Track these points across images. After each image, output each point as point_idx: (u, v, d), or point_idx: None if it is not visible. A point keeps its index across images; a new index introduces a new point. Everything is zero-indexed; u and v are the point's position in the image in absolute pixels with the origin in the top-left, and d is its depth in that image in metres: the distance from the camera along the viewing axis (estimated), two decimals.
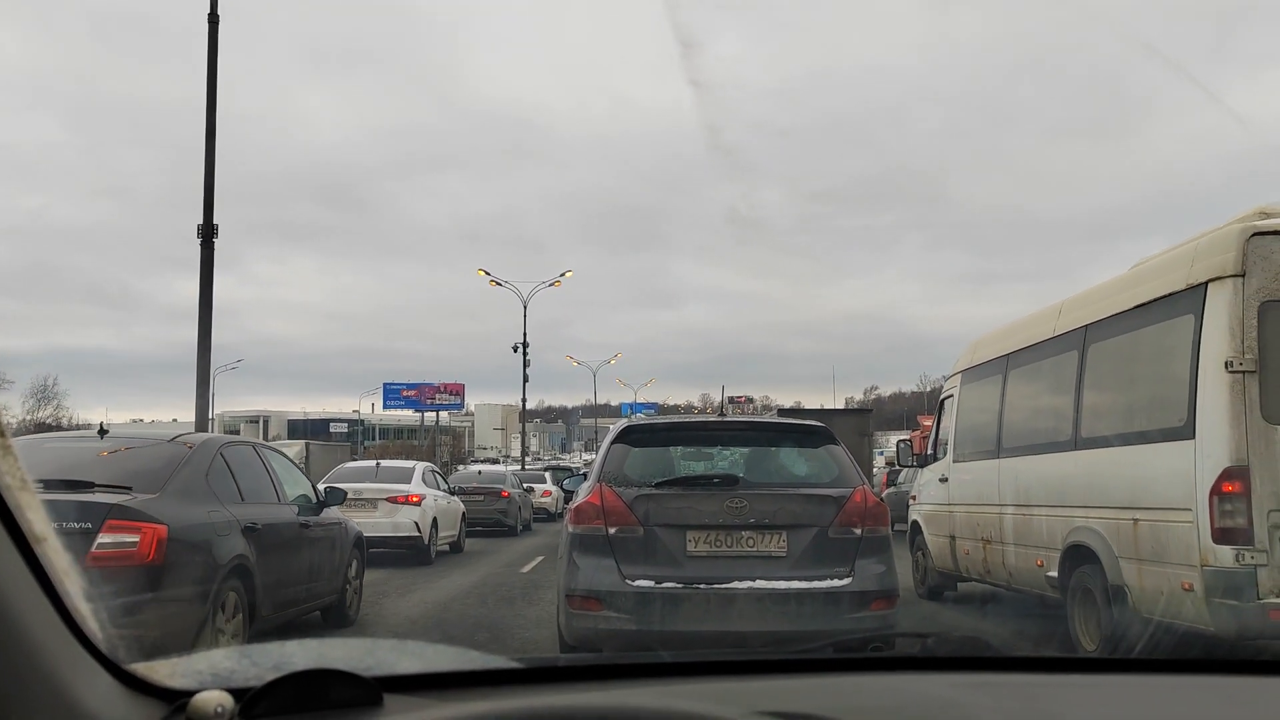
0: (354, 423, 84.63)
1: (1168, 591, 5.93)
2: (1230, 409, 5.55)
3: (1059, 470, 7.46)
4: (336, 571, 8.09)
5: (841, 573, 5.56)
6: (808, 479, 6.08)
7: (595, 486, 5.78)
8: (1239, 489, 5.49)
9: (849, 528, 5.64)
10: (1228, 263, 5.70)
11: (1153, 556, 6.10)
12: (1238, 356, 5.56)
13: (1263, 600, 5.42)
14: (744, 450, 6.42)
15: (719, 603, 5.45)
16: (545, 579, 10.68)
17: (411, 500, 13.70)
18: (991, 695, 1.24)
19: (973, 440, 9.46)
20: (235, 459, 6.85)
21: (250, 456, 7.24)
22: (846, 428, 21.50)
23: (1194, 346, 5.82)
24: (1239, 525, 5.48)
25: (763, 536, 5.62)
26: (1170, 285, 6.20)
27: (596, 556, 5.55)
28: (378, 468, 15.27)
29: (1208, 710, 1.23)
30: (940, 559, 10.03)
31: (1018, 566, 8.20)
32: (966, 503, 9.40)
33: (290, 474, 7.93)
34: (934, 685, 1.31)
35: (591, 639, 5.57)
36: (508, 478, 21.91)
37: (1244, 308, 5.60)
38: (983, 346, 9.71)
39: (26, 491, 0.86)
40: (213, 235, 14.72)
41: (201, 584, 5.70)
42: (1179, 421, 5.90)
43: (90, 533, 5.15)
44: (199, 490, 6.13)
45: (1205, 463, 5.62)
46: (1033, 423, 8.25)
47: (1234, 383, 5.55)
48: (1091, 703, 1.23)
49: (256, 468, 7.20)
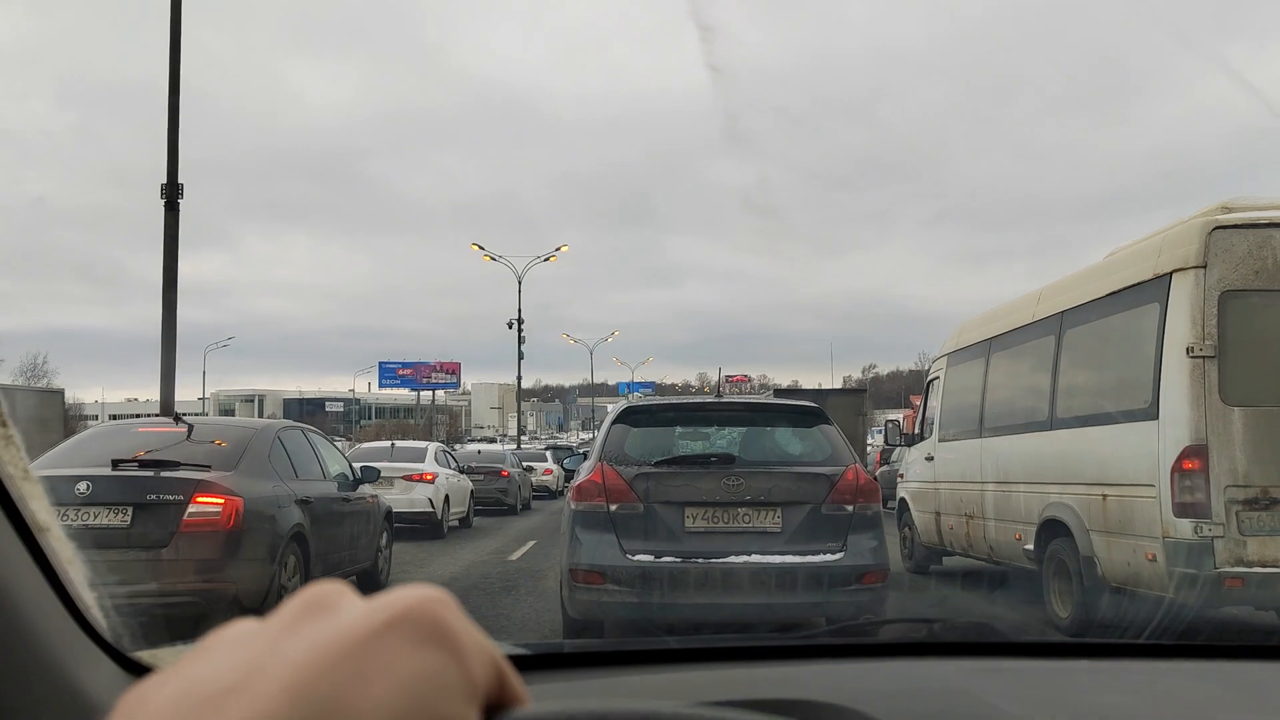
0: (350, 402, 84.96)
1: (1133, 562, 6.35)
2: (1191, 392, 5.94)
3: (1036, 449, 7.86)
4: (371, 541, 8.97)
5: (834, 548, 5.73)
6: (802, 458, 6.26)
7: (597, 465, 5.96)
8: (1198, 466, 5.89)
9: (841, 504, 5.82)
10: (1190, 255, 6.08)
11: (1120, 529, 6.50)
12: (1198, 343, 5.95)
13: (1219, 569, 5.82)
14: (740, 430, 6.60)
15: (716, 577, 5.60)
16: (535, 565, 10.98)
17: (425, 478, 14.43)
18: (998, 680, 1.24)
19: (957, 420, 9.85)
20: (289, 441, 7.70)
21: (300, 439, 8.05)
22: (842, 407, 21.86)
23: (1159, 333, 6.21)
24: (1198, 500, 5.88)
25: (758, 513, 5.81)
26: (1138, 275, 6.58)
27: (598, 532, 5.73)
28: (393, 448, 15.89)
29: (1214, 694, 1.23)
30: (926, 534, 10.44)
31: (998, 540, 8.61)
32: (951, 480, 9.80)
33: (331, 454, 8.72)
34: (940, 670, 1.30)
35: (594, 612, 5.79)
36: (507, 457, 22.27)
37: (1205, 297, 5.98)
38: (968, 330, 10.10)
39: (29, 481, 0.85)
40: (177, 198, 13.40)
41: (269, 547, 6.58)
42: (1144, 403, 6.29)
43: (182, 503, 6.12)
44: (263, 468, 6.99)
45: (1167, 442, 6.02)
46: (1013, 404, 8.64)
47: (1195, 367, 5.94)
48: (1098, 688, 1.23)
49: (305, 448, 8.00)
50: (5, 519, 0.83)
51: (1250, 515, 5.87)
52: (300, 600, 0.35)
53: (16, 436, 0.86)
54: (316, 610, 0.34)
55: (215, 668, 0.33)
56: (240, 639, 0.35)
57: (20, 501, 0.84)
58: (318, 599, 0.35)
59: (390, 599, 0.34)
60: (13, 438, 0.86)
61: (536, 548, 12.99)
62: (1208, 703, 1.20)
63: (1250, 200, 6.40)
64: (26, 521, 0.84)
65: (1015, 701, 1.12)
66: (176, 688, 0.33)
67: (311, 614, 0.34)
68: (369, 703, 0.31)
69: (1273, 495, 5.86)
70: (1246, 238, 6.03)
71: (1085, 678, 1.29)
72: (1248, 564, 5.81)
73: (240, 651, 0.33)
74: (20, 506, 0.84)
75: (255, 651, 0.33)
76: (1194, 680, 1.30)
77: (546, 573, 9.69)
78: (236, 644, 0.34)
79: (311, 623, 0.34)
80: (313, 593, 0.35)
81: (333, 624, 0.33)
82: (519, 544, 13.69)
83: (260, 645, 0.33)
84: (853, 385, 64.75)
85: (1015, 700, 1.13)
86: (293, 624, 0.34)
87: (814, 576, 5.64)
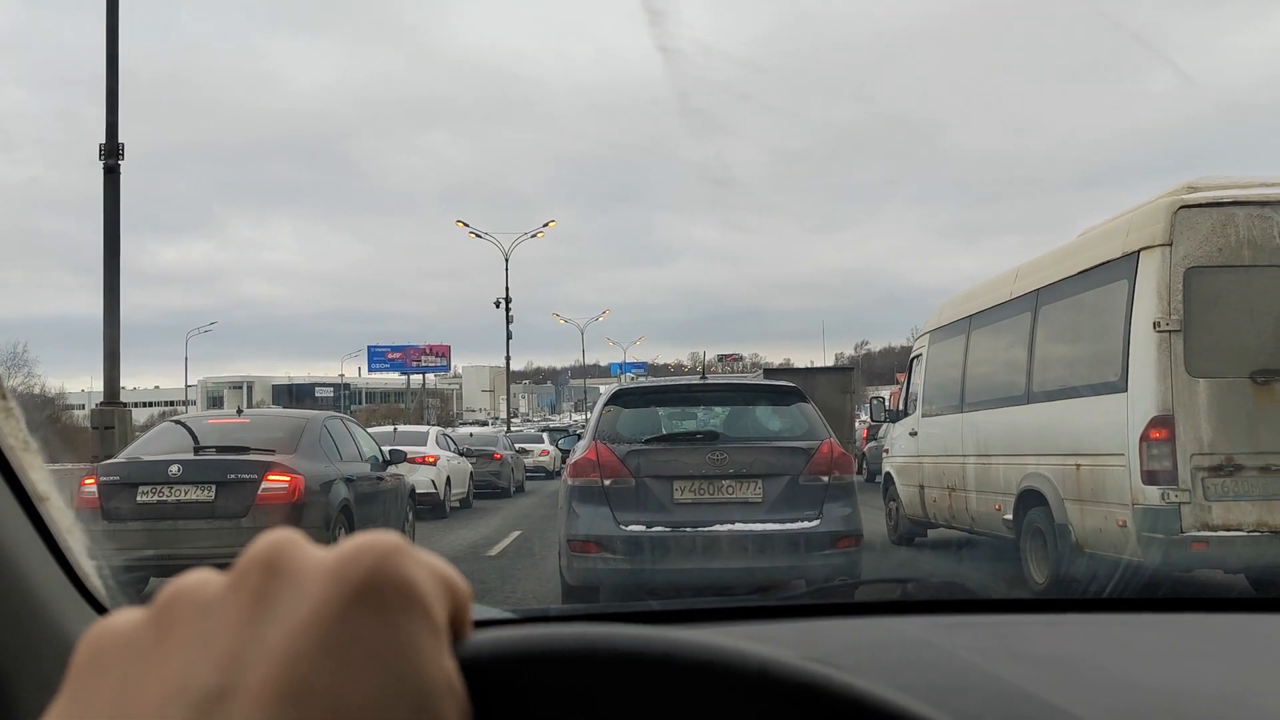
0: (340, 386, 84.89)
1: (1105, 528, 6.63)
2: (1158, 364, 6.20)
3: (1014, 422, 8.12)
4: (400, 515, 10.15)
5: (811, 515, 6.14)
6: (781, 433, 6.69)
7: (591, 443, 6.38)
8: (1165, 435, 6.15)
9: (818, 475, 6.24)
10: (1157, 233, 6.33)
11: (1092, 497, 6.78)
12: (1165, 317, 6.20)
13: (1185, 534, 6.10)
14: (724, 409, 7.10)
15: (703, 544, 6.04)
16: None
17: (428, 461, 14.88)
18: (967, 634, 1.27)
19: (939, 396, 10.11)
20: (333, 428, 9.01)
21: (340, 426, 9.41)
22: (830, 385, 22.14)
23: (1128, 308, 6.46)
24: (1165, 468, 6.15)
25: (741, 485, 6.23)
26: (1109, 253, 6.83)
27: (593, 505, 6.14)
28: (395, 432, 16.31)
29: (1173, 644, 1.28)
30: (911, 507, 10.70)
31: (979, 512, 8.88)
32: (934, 454, 10.05)
33: (365, 439, 9.90)
34: (912, 627, 1.33)
35: (590, 579, 6.23)
36: (499, 440, 22.47)
37: (1171, 274, 6.23)
38: (949, 308, 10.35)
39: (29, 453, 0.87)
40: (117, 156, 12.36)
41: (325, 517, 7.79)
42: (1114, 376, 6.55)
43: (256, 481, 7.39)
44: (316, 451, 8.22)
45: (1136, 413, 6.28)
46: (992, 379, 8.90)
47: (1161, 341, 6.20)
48: (1062, 639, 1.27)
49: (345, 434, 9.28)
50: (6, 488, 0.84)
51: (1215, 481, 6.14)
52: (253, 558, 0.34)
53: (16, 409, 0.87)
54: (273, 572, 0.33)
55: (192, 654, 0.32)
56: (205, 610, 0.33)
57: (20, 472, 0.85)
58: (271, 558, 0.34)
59: (348, 558, 0.33)
60: (12, 410, 0.87)
61: (537, 524, 13.25)
62: (1167, 652, 1.24)
63: (1215, 180, 6.64)
64: (27, 491, 0.86)
65: (980, 653, 1.15)
66: (158, 680, 0.32)
67: (270, 577, 0.33)
68: (361, 695, 0.31)
69: (1236, 462, 6.13)
70: (1210, 216, 6.28)
71: (1048, 630, 1.33)
72: (1212, 528, 6.09)
73: (212, 634, 0.32)
74: (21, 476, 0.85)
75: (230, 638, 0.32)
76: (1155, 631, 1.34)
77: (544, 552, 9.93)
78: (203, 618, 0.33)
79: (273, 591, 0.33)
80: (263, 548, 0.34)
81: (302, 600, 0.32)
82: (510, 530, 13.92)
83: (231, 627, 0.32)
84: (844, 363, 65.10)
85: (980, 652, 1.16)
86: (257, 594, 0.33)
87: (793, 542, 6.08)
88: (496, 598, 8.42)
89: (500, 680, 0.36)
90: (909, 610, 1.48)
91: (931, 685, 1.01)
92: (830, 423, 6.95)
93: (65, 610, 0.89)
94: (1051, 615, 1.45)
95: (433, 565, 0.35)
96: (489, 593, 8.67)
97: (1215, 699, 1.03)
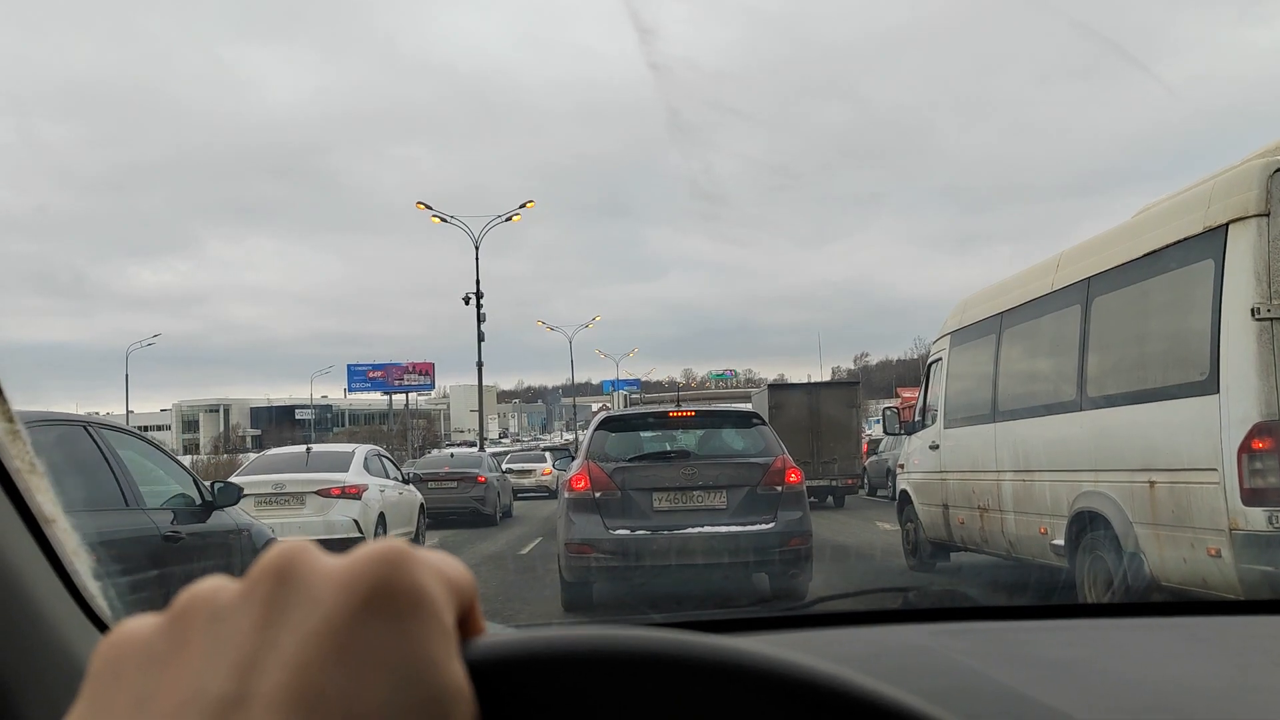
0: (321, 408, 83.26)
1: (1191, 558, 5.53)
2: (1259, 359, 5.12)
3: (1063, 433, 7.04)
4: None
5: (767, 519, 7.36)
6: (742, 451, 8.02)
7: (584, 463, 7.63)
8: (1270, 446, 5.08)
9: (772, 486, 7.49)
10: (1250, 201, 5.26)
11: (1172, 521, 5.69)
12: (1265, 302, 5.13)
13: None
14: (696, 432, 8.42)
15: (678, 543, 7.23)
16: None
17: (349, 492, 11.24)
18: (967, 640, 1.30)
19: (966, 404, 9.05)
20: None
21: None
22: (836, 400, 21.06)
23: (1215, 294, 5.39)
24: (1272, 485, 5.07)
25: (709, 494, 7.49)
26: (1185, 230, 5.76)
27: (587, 514, 7.32)
28: (308, 454, 12.49)
29: (1168, 646, 1.30)
30: (932, 529, 9.64)
31: (1019, 535, 7.81)
32: (960, 470, 9.00)
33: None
34: (913, 635, 1.37)
35: (584, 576, 7.42)
36: (484, 461, 20.32)
37: (1270, 250, 5.17)
38: (972, 306, 9.28)
39: (36, 474, 0.88)
40: None
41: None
42: (1200, 375, 5.47)
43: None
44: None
45: (1232, 418, 5.20)
46: (1032, 384, 7.84)
47: (1262, 331, 5.13)
48: (1059, 643, 1.30)
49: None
50: (13, 510, 0.86)
51: None
52: (266, 567, 0.34)
53: (23, 431, 0.88)
54: (285, 580, 0.33)
55: (207, 660, 0.32)
56: (219, 617, 0.33)
57: (27, 494, 0.87)
58: (283, 566, 0.33)
59: (359, 565, 0.33)
60: (19, 432, 0.88)
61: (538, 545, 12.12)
62: (1162, 654, 1.28)
63: None
64: (33, 513, 0.88)
65: (978, 657, 1.18)
66: (174, 687, 0.32)
67: (282, 585, 0.33)
68: (372, 701, 0.31)
69: None
70: None
71: (1048, 635, 1.38)
72: None
73: (226, 641, 0.32)
74: (27, 498, 0.87)
75: (245, 645, 0.32)
76: (1150, 634, 1.39)
77: None
78: (218, 626, 0.33)
79: (286, 598, 0.33)
80: (276, 557, 0.34)
81: (313, 608, 0.32)
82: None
83: (245, 634, 0.32)
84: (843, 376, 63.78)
85: (980, 657, 1.19)
86: (270, 602, 0.33)
87: (751, 541, 7.28)
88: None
89: (508, 684, 0.36)
90: (910, 619, 1.59)
91: (933, 689, 1.02)
92: (837, 437, 7.92)
93: (72, 632, 0.89)
94: (1050, 621, 1.51)
95: (440, 568, 0.35)
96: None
97: (1213, 700, 1.05)
